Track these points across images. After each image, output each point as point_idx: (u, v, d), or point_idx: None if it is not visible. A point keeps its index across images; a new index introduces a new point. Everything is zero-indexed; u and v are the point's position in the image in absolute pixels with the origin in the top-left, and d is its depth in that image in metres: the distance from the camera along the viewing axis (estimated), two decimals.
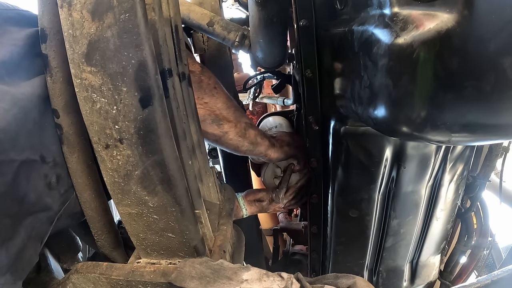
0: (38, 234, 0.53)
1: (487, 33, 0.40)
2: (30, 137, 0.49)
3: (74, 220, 0.63)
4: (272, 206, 1.08)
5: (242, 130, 0.88)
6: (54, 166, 0.54)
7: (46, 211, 0.54)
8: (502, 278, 0.66)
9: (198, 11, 1.00)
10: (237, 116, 0.87)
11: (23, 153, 0.48)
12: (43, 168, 0.52)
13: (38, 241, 0.54)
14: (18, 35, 0.53)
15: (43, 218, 0.53)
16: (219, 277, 0.53)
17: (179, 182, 0.52)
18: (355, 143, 0.81)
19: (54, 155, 0.54)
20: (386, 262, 1.04)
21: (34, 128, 0.50)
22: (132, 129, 0.47)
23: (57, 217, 0.57)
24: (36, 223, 0.52)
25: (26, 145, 0.48)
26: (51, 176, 0.54)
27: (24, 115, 0.48)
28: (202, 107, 0.81)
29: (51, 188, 0.54)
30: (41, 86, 0.52)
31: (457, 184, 0.92)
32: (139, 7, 0.43)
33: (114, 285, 0.57)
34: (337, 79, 0.76)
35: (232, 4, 2.17)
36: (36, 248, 0.53)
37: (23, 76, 0.51)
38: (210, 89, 0.82)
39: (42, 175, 0.52)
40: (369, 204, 0.90)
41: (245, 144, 0.90)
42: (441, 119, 0.47)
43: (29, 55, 0.53)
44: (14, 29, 0.54)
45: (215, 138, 0.86)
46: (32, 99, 0.50)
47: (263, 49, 0.94)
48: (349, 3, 0.68)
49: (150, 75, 0.45)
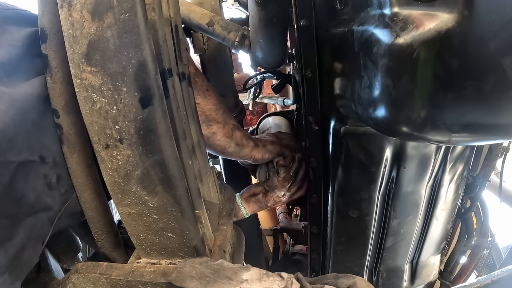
0: (39, 234, 0.53)
1: (487, 33, 0.40)
2: (28, 138, 0.49)
3: (75, 220, 0.63)
4: (270, 198, 1.04)
5: (230, 131, 0.91)
6: (54, 166, 0.54)
7: (46, 211, 0.54)
8: (502, 278, 0.66)
9: (198, 11, 1.00)
10: (225, 118, 0.90)
11: (21, 154, 0.48)
12: (42, 168, 0.52)
13: (38, 242, 0.53)
14: (17, 35, 0.53)
15: (43, 218, 0.53)
16: (219, 277, 0.53)
17: (179, 182, 0.52)
18: (355, 143, 0.81)
19: (54, 155, 0.54)
20: (386, 262, 1.04)
21: (33, 129, 0.50)
22: (132, 129, 0.47)
23: (58, 217, 0.57)
24: (37, 224, 0.52)
25: (24, 146, 0.48)
26: (51, 176, 0.54)
27: (22, 116, 0.48)
28: None
29: (51, 188, 0.54)
30: (40, 86, 0.52)
31: (457, 184, 0.92)
32: (139, 7, 0.43)
33: (114, 285, 0.57)
34: (337, 79, 0.76)
35: (232, 4, 2.17)
36: (36, 249, 0.53)
37: (22, 76, 0.51)
38: (203, 90, 0.84)
39: (41, 175, 0.52)
40: (369, 204, 0.90)
41: (232, 145, 0.92)
42: (441, 119, 0.47)
43: (28, 56, 0.52)
44: (13, 29, 0.54)
45: (204, 138, 0.88)
46: (31, 100, 0.50)
47: (263, 49, 0.94)
48: (349, 3, 0.68)
49: (150, 75, 0.45)
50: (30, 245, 0.51)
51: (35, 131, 0.51)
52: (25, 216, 0.50)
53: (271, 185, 1.04)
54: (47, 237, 0.55)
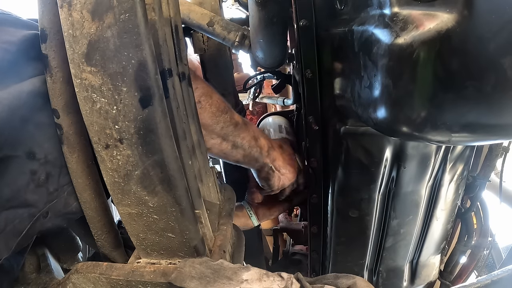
0: (14, 229, 0.52)
1: (487, 33, 0.40)
2: (13, 134, 0.48)
3: (65, 220, 0.62)
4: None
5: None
6: (44, 163, 0.53)
7: (27, 207, 0.53)
8: (502, 278, 0.66)
9: (198, 11, 1.00)
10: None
11: (1, 152, 0.47)
12: (30, 164, 0.51)
13: (13, 236, 0.52)
14: (14, 38, 0.52)
15: (23, 214, 0.52)
16: (219, 277, 0.53)
17: (179, 182, 0.52)
18: (355, 143, 0.81)
19: (46, 152, 0.53)
20: (386, 262, 1.04)
21: (21, 125, 0.49)
22: (132, 129, 0.47)
23: (43, 215, 0.55)
24: (14, 219, 0.51)
25: (6, 142, 0.47)
26: (40, 173, 0.53)
27: (9, 113, 0.47)
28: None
29: (38, 185, 0.53)
30: (33, 84, 0.51)
31: (457, 184, 0.92)
32: (139, 7, 0.43)
33: (114, 285, 0.57)
34: (337, 79, 0.76)
35: (232, 4, 2.17)
36: (8, 243, 0.52)
37: (16, 79, 0.50)
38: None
39: (27, 171, 0.51)
40: (369, 204, 0.90)
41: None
42: (441, 119, 0.47)
43: (24, 58, 0.52)
44: (11, 30, 0.53)
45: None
46: (20, 97, 0.49)
47: (263, 49, 0.94)
48: (349, 3, 0.68)
49: (150, 75, 0.45)
50: (1, 239, 0.50)
51: (25, 127, 0.50)
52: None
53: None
54: (22, 233, 0.54)
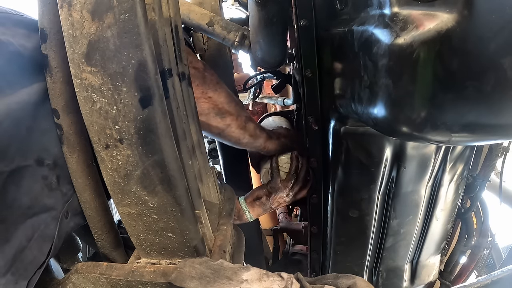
0: (44, 235, 0.53)
1: (487, 33, 0.40)
2: (22, 144, 0.49)
3: (83, 218, 0.63)
4: (274, 200, 1.05)
5: (243, 123, 0.92)
6: (54, 167, 0.54)
7: (48, 211, 0.54)
8: (502, 278, 0.66)
9: (198, 11, 1.00)
10: (237, 109, 0.91)
11: (13, 163, 0.48)
12: (40, 171, 0.52)
13: (44, 242, 0.54)
14: (28, 44, 0.52)
15: (47, 219, 0.54)
16: (219, 277, 0.53)
17: (179, 182, 0.52)
18: (355, 143, 0.81)
19: (55, 157, 0.54)
20: (386, 262, 1.04)
21: (27, 134, 0.50)
22: (132, 129, 0.47)
23: (64, 216, 0.57)
24: (40, 225, 0.52)
25: (17, 153, 0.48)
26: (51, 177, 0.54)
27: (16, 126, 0.48)
28: (207, 101, 0.85)
29: (52, 189, 0.54)
30: (39, 91, 0.52)
31: (457, 184, 0.92)
32: (139, 7, 0.43)
33: (114, 285, 0.57)
34: (337, 79, 0.76)
35: (232, 4, 2.17)
36: (42, 249, 0.53)
37: (26, 82, 0.51)
38: (214, 84, 0.85)
39: (39, 177, 0.52)
40: (369, 204, 0.90)
41: (246, 136, 0.94)
42: (441, 119, 0.47)
43: (35, 65, 0.52)
44: (24, 32, 0.54)
45: (218, 131, 0.90)
46: (26, 108, 0.50)
47: (263, 49, 0.94)
48: (349, 3, 0.68)
49: (150, 75, 0.45)
50: (33, 246, 0.51)
51: (31, 135, 0.51)
52: (24, 219, 0.50)
53: (274, 186, 1.04)
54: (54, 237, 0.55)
